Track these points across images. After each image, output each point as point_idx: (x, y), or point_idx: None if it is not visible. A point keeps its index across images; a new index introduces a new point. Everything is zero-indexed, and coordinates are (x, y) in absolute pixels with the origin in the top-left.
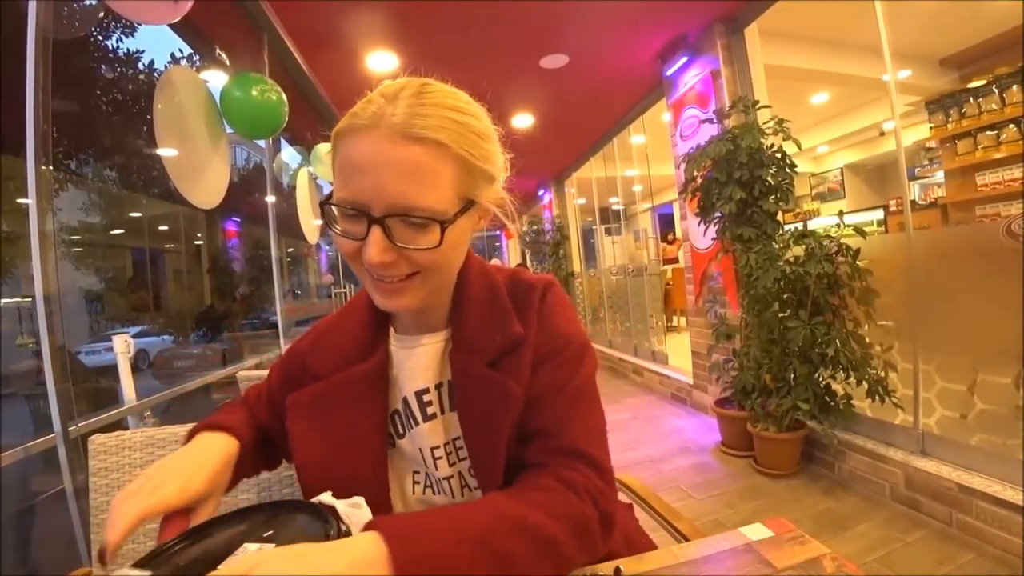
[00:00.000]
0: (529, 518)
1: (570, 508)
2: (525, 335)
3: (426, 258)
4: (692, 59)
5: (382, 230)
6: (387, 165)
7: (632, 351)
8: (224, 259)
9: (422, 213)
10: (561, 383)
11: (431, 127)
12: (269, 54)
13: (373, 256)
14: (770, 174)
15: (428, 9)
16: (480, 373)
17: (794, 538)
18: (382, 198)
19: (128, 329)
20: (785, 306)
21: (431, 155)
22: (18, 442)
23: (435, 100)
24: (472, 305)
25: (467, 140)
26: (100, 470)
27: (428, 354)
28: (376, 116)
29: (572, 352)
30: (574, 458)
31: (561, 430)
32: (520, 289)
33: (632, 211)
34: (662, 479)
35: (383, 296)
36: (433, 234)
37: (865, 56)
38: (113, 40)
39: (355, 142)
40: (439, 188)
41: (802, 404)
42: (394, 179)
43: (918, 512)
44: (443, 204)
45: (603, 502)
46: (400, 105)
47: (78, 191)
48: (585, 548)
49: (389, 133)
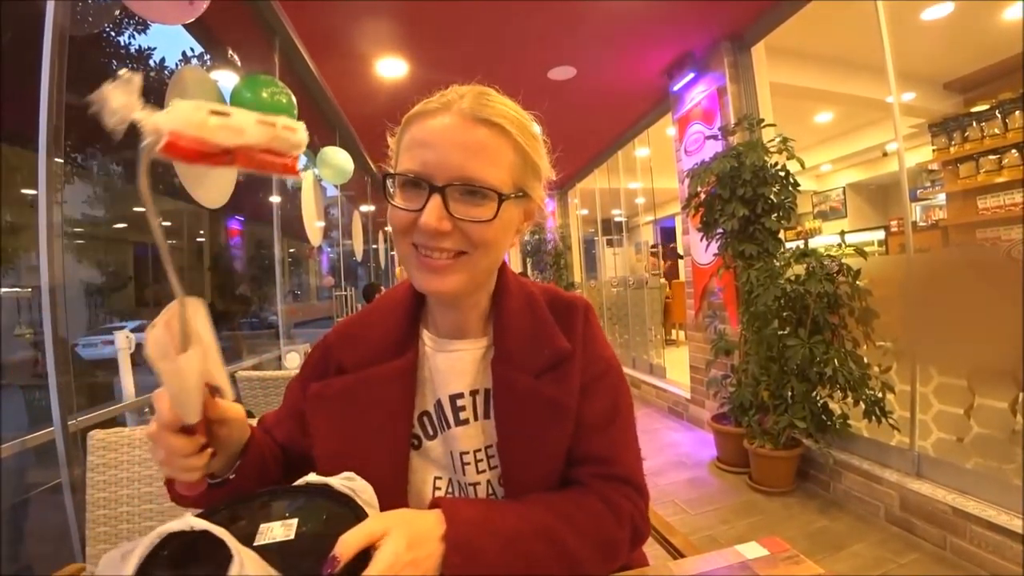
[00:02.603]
0: (570, 542)
1: (610, 535)
2: (573, 350)
3: (479, 232)
4: (699, 75)
5: (441, 198)
6: (454, 141)
7: (630, 363)
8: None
9: (482, 183)
10: (611, 410)
11: (496, 113)
12: (280, 57)
13: (431, 221)
14: (773, 192)
15: (438, 16)
16: (527, 385)
17: (789, 557)
18: (446, 169)
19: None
20: (785, 324)
21: (494, 137)
22: (13, 435)
23: (499, 99)
24: (513, 315)
25: (525, 133)
26: (98, 466)
27: (466, 359)
28: (447, 103)
29: (614, 376)
30: (624, 484)
31: (614, 458)
32: (561, 305)
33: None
34: (657, 493)
35: (428, 274)
36: (489, 207)
37: (870, 77)
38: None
39: (425, 121)
40: (499, 168)
41: (799, 422)
42: (459, 153)
43: (912, 534)
44: (501, 182)
45: (642, 525)
46: (467, 98)
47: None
48: (606, 563)
49: (459, 115)
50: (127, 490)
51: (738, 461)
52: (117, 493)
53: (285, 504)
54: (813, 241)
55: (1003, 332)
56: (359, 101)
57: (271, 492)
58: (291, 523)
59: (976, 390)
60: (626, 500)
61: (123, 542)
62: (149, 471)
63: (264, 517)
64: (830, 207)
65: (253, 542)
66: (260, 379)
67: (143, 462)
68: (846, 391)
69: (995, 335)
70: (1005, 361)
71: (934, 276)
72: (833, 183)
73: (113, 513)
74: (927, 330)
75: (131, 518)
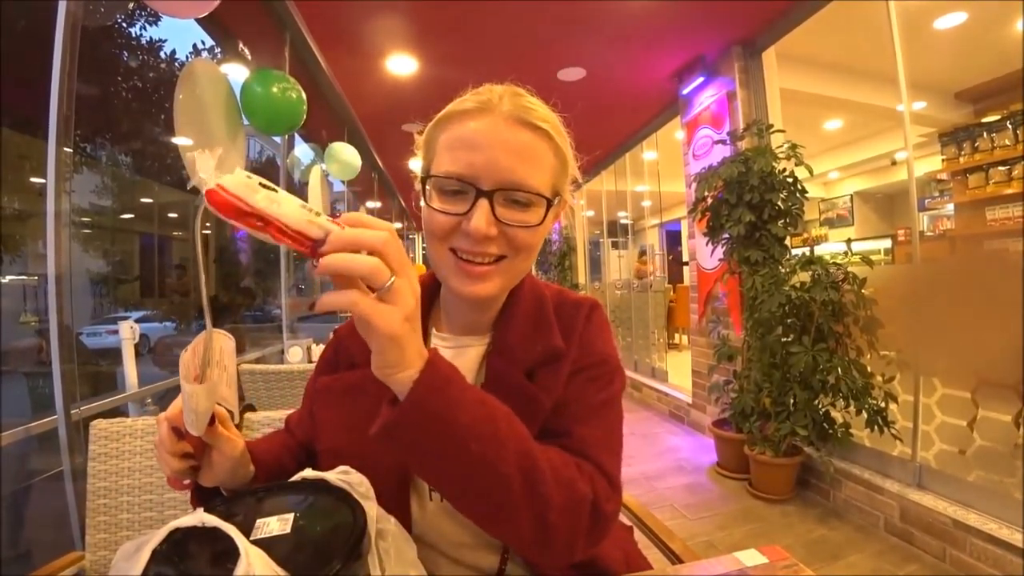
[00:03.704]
0: (540, 461)
1: (571, 478)
2: (565, 349)
3: (524, 237)
4: (708, 80)
5: (489, 203)
6: (502, 143)
7: (632, 366)
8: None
9: (530, 189)
10: (590, 393)
11: (540, 117)
12: (291, 52)
13: (481, 226)
14: (780, 198)
15: (449, 15)
16: (516, 383)
17: (788, 566)
18: (493, 173)
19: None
20: (788, 331)
21: (538, 141)
22: (16, 422)
23: (536, 101)
24: (520, 314)
25: (562, 136)
26: (100, 455)
27: (472, 356)
28: (487, 103)
29: (606, 369)
30: (585, 459)
31: (581, 435)
32: (566, 306)
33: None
34: (656, 497)
35: (467, 280)
36: (536, 213)
37: (881, 85)
38: (137, 28)
39: (468, 121)
40: (544, 172)
41: (800, 430)
42: (507, 156)
43: (912, 545)
44: (545, 186)
45: (602, 501)
46: (506, 99)
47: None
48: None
49: (504, 116)
50: (128, 480)
51: (738, 467)
52: (118, 483)
53: (282, 499)
54: (819, 248)
55: (1008, 345)
56: (368, 97)
57: (267, 488)
58: (287, 518)
59: (979, 402)
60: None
61: (123, 531)
62: (150, 462)
63: (261, 512)
64: (837, 215)
65: (249, 537)
66: (263, 373)
67: (144, 452)
68: (848, 400)
69: (1000, 347)
70: (1009, 374)
71: (939, 286)
72: (841, 191)
73: (113, 502)
74: (931, 341)
75: (131, 508)
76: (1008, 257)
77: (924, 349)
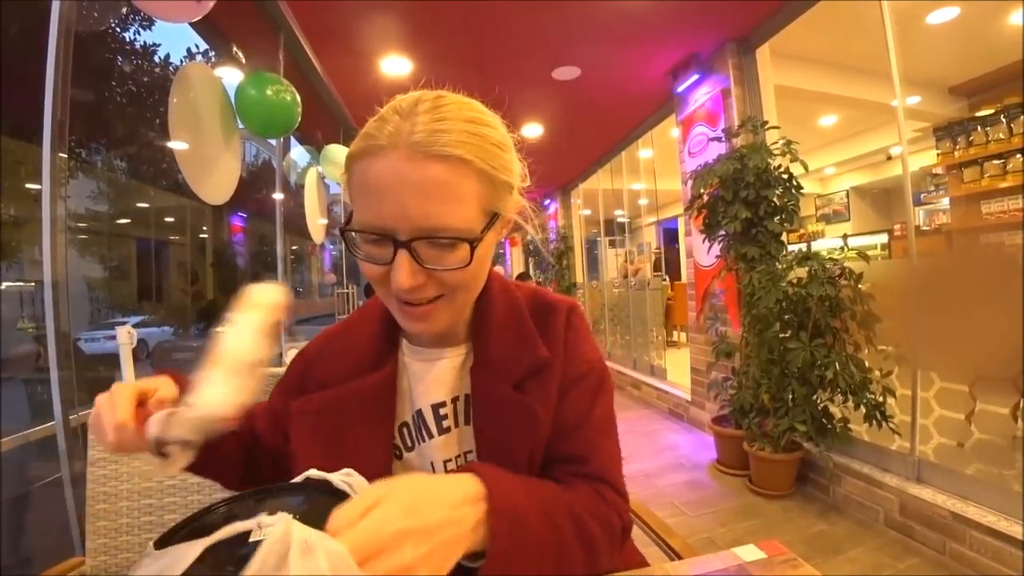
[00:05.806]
0: (575, 506)
1: (601, 511)
2: (551, 359)
3: (455, 278)
4: (703, 77)
5: (409, 254)
6: (409, 186)
7: (631, 364)
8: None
9: (450, 233)
10: (586, 411)
11: (451, 143)
12: (285, 54)
13: (403, 281)
14: (776, 195)
15: (443, 15)
16: (504, 395)
17: (787, 561)
18: (407, 221)
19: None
20: (786, 327)
21: (454, 172)
22: (15, 429)
23: (452, 114)
24: (495, 323)
25: (487, 153)
26: (99, 460)
27: (447, 368)
28: (393, 135)
29: (595, 378)
30: (599, 483)
31: (588, 458)
32: (544, 311)
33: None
34: (656, 494)
35: (411, 320)
36: (462, 253)
37: (875, 81)
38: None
39: (372, 164)
40: (464, 205)
41: (799, 426)
42: (417, 200)
43: (911, 539)
44: (469, 222)
45: (625, 516)
46: (417, 122)
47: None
48: (610, 548)
49: (408, 152)
50: (127, 485)
51: (738, 464)
52: (117, 488)
53: (284, 500)
54: (816, 244)
55: (1005, 337)
56: (363, 99)
57: (268, 489)
58: (289, 519)
59: (977, 395)
60: (607, 491)
61: (123, 536)
62: (150, 466)
63: (260, 513)
64: (833, 210)
65: (249, 539)
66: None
67: (143, 456)
68: (847, 395)
69: (997, 340)
70: (1007, 367)
71: (936, 280)
72: (836, 186)
73: (113, 507)
74: (929, 335)
75: (131, 513)
76: (1004, 251)
77: (921, 343)
